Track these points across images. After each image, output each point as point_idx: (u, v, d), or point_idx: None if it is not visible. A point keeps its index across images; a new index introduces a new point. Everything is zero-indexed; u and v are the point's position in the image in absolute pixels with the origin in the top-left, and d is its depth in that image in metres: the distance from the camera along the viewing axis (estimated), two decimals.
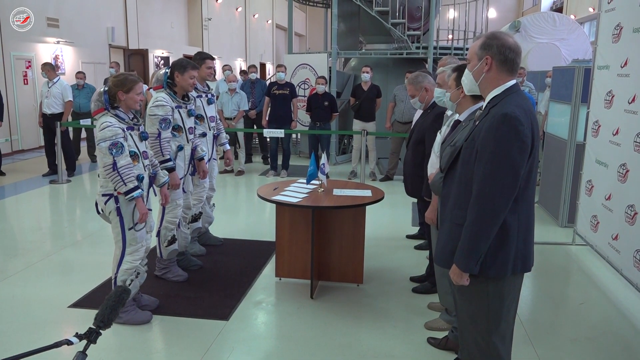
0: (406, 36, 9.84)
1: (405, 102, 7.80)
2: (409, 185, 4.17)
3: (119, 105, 3.43)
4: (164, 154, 3.96)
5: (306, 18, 31.83)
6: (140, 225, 3.47)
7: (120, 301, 1.51)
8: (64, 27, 11.89)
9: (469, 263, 2.09)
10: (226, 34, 21.85)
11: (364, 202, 3.89)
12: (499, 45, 2.15)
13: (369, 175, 8.31)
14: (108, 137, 3.27)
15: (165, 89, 4.09)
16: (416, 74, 4.16)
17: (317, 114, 8.21)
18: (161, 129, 3.94)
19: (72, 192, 7.71)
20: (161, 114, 3.95)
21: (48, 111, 8.18)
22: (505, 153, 2.00)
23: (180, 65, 4.10)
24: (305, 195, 4.04)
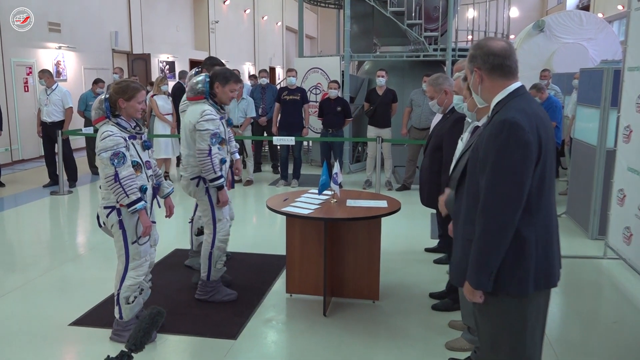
0: (423, 37, 9.83)
1: (422, 107, 7.79)
2: (425, 194, 4.15)
3: (120, 114, 3.45)
4: (216, 171, 3.93)
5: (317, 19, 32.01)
6: (144, 239, 3.48)
7: (154, 324, 1.49)
8: (65, 32, 12.06)
9: (480, 279, 2.07)
10: (234, 37, 22.02)
11: (379, 214, 3.87)
12: (482, 54, 2.17)
13: (384, 184, 8.29)
14: (109, 147, 3.29)
15: (207, 100, 4.02)
16: (436, 76, 4.16)
17: (329, 120, 8.22)
18: (212, 145, 3.91)
19: (73, 203, 7.77)
20: (212, 128, 3.90)
21: (48, 119, 8.26)
22: (507, 162, 1.98)
23: (223, 76, 4.02)
24: (317, 207, 4.03)
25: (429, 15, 10.31)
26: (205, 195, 4.08)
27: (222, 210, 4.12)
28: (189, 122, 3.97)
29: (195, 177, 4.06)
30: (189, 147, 4.03)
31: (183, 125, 4.10)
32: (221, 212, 4.11)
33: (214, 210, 4.10)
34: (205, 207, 4.12)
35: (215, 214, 4.10)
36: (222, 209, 4.11)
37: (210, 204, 4.09)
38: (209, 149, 3.90)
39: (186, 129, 4.01)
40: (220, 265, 4.17)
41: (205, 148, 3.91)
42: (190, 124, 3.96)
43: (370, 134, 8.32)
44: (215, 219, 4.10)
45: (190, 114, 4.00)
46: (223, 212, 4.13)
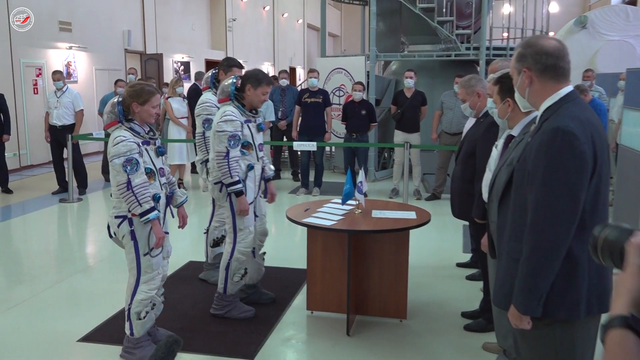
0: (454, 35, 9.79)
1: (453, 111, 7.73)
2: (457, 204, 4.12)
3: (134, 118, 3.50)
4: (232, 175, 3.97)
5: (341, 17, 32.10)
6: (157, 251, 3.51)
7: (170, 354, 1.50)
8: (76, 32, 12.29)
9: (529, 304, 2.02)
10: (252, 35, 22.20)
11: (407, 226, 3.85)
12: (533, 53, 2.10)
13: (412, 193, 8.25)
14: (122, 153, 3.33)
15: (232, 102, 4.08)
16: (469, 77, 4.14)
17: (353, 124, 8.22)
18: (230, 147, 3.95)
19: (83, 212, 7.89)
20: (230, 130, 3.96)
21: (59, 123, 8.41)
22: (560, 174, 1.94)
23: (255, 78, 4.07)
24: (341, 218, 4.03)
25: (461, 12, 10.27)
26: (227, 202, 4.11)
27: (245, 219, 4.12)
28: (215, 124, 4.06)
29: (219, 182, 4.10)
30: (214, 150, 4.10)
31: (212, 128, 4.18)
32: (243, 221, 4.12)
33: (234, 218, 4.12)
34: (227, 214, 4.15)
35: (236, 223, 4.12)
36: (245, 218, 4.11)
37: (232, 212, 4.11)
38: (226, 151, 3.94)
39: (213, 130, 4.09)
40: (237, 279, 4.18)
41: (222, 150, 3.95)
42: (215, 124, 4.05)
43: (398, 139, 8.30)
44: (236, 228, 4.13)
45: (217, 116, 4.10)
46: (246, 221, 4.13)
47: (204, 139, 4.69)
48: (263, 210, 4.49)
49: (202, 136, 4.70)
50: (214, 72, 4.84)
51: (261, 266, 4.55)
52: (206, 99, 4.73)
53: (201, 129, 4.69)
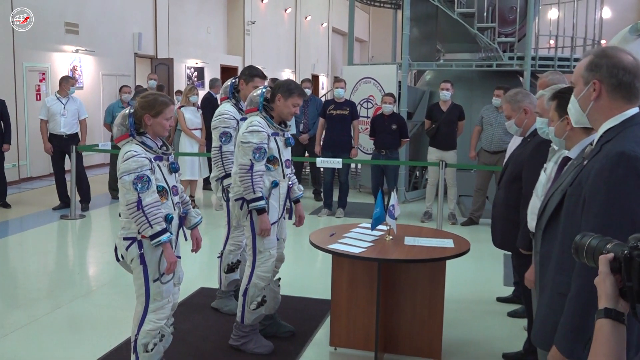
0: (496, 43, 9.77)
1: (494, 127, 7.70)
2: (499, 233, 4.08)
3: (146, 131, 3.53)
4: (255, 190, 3.99)
5: (369, 20, 32.28)
6: (168, 277, 3.52)
7: None
8: (84, 34, 12.53)
9: (574, 347, 1.99)
10: (272, 40, 22.41)
11: (444, 256, 3.84)
12: (610, 65, 2.06)
13: (447, 217, 8.19)
14: (132, 169, 3.36)
15: (260, 112, 4.13)
16: (515, 92, 4.12)
17: (382, 140, 8.21)
18: (254, 160, 3.99)
19: (86, 230, 7.97)
20: (255, 141, 3.99)
21: (67, 131, 8.51)
22: (622, 203, 1.92)
23: (287, 88, 4.11)
24: (370, 245, 4.02)
25: (503, 17, 10.25)
26: (247, 220, 4.13)
27: (266, 241, 4.13)
28: (239, 135, 4.11)
29: (240, 198, 4.13)
30: (237, 163, 4.14)
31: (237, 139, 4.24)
32: (263, 242, 4.13)
33: (255, 238, 4.14)
34: (248, 233, 4.18)
35: (255, 244, 4.14)
36: (267, 239, 4.13)
37: (252, 231, 4.13)
38: (250, 164, 3.97)
39: (237, 142, 4.14)
40: (254, 307, 4.18)
41: (246, 163, 3.98)
42: (239, 136, 4.10)
43: (432, 156, 8.27)
44: (256, 250, 4.14)
45: (242, 126, 4.15)
46: (266, 243, 4.14)
47: (221, 154, 4.72)
48: (284, 233, 4.49)
49: (219, 151, 4.73)
50: (233, 81, 4.89)
51: (277, 294, 4.54)
52: (224, 110, 4.77)
53: (218, 142, 4.72)
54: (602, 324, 1.47)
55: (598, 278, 1.50)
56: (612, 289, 1.46)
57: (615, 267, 1.45)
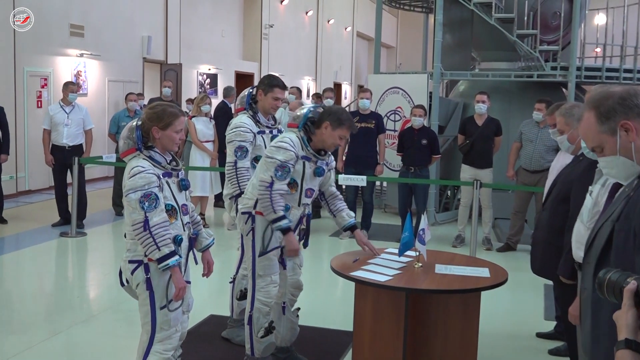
0: (538, 52, 9.73)
1: (535, 143, 7.64)
2: (539, 258, 4.06)
3: (154, 145, 3.56)
4: (275, 209, 4.03)
5: (397, 25, 32.42)
6: (176, 304, 3.52)
7: None
8: (89, 37, 12.71)
9: None
10: (292, 44, 22.57)
11: (479, 286, 3.82)
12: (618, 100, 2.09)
13: (481, 242, 8.13)
14: (139, 187, 3.38)
15: (299, 131, 4.19)
16: (572, 105, 4.15)
17: (411, 156, 8.20)
18: (275, 178, 4.03)
19: (87, 249, 8.02)
20: (280, 159, 4.05)
21: (70, 143, 8.58)
22: None
23: (337, 117, 4.17)
24: (397, 272, 4.01)
25: (546, 23, 10.22)
26: (249, 237, 4.18)
27: (266, 266, 4.16)
28: (268, 148, 4.22)
29: (247, 212, 4.17)
30: (256, 175, 4.21)
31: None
32: (263, 266, 4.16)
33: (254, 260, 4.17)
34: (248, 254, 4.23)
35: (255, 266, 4.18)
36: (267, 264, 4.16)
37: (253, 251, 4.18)
38: (270, 181, 4.02)
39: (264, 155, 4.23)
40: (262, 334, 4.18)
41: (266, 179, 4.03)
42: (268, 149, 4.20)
43: (465, 175, 8.23)
44: (255, 273, 4.19)
45: (275, 140, 4.24)
46: (267, 268, 4.17)
47: (236, 170, 4.72)
48: (300, 259, 4.50)
49: (234, 167, 4.73)
50: (250, 91, 4.92)
51: (295, 325, 4.53)
52: (240, 122, 4.78)
53: (232, 157, 4.73)
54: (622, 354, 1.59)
55: (619, 311, 1.63)
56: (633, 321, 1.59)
57: (638, 301, 1.62)
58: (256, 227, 4.17)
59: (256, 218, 4.17)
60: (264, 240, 4.17)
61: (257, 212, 4.17)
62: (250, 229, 4.17)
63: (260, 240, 4.17)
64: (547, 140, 7.37)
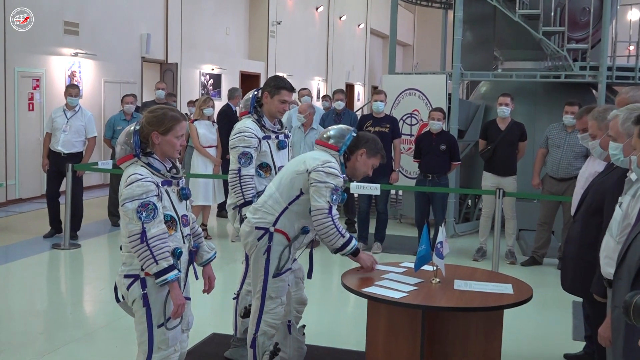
0: (565, 50, 9.70)
1: (563, 149, 7.62)
2: (570, 274, 4.05)
3: (153, 151, 3.57)
4: (343, 234, 4.11)
5: (414, 21, 32.43)
6: (175, 322, 3.52)
7: None
8: (85, 35, 12.79)
9: None
10: (301, 43, 22.61)
11: (501, 304, 3.80)
12: None
13: (504, 255, 8.11)
14: (137, 196, 3.39)
15: (338, 157, 4.22)
16: (604, 108, 4.15)
17: (429, 163, 8.19)
18: (333, 203, 4.09)
19: (80, 262, 8.03)
20: (335, 183, 4.10)
21: (65, 150, 8.57)
22: None
23: (374, 145, 4.28)
24: (413, 288, 4.00)
25: (574, 20, 10.20)
26: (264, 257, 4.18)
27: (279, 288, 4.19)
28: (301, 164, 4.17)
29: (263, 228, 4.16)
30: (279, 189, 4.21)
31: (288, 165, 4.35)
32: (277, 288, 4.18)
33: (267, 282, 4.17)
34: (259, 273, 4.22)
35: (267, 287, 4.18)
36: (280, 285, 4.18)
37: (265, 272, 4.17)
38: (329, 206, 4.06)
39: (292, 169, 4.21)
40: (267, 358, 4.19)
41: (323, 206, 4.05)
42: (303, 167, 4.15)
43: (487, 183, 8.22)
44: (266, 295, 4.19)
45: (311, 157, 4.21)
46: (280, 287, 4.19)
47: (240, 178, 4.73)
48: (302, 272, 4.55)
49: (237, 174, 4.74)
50: (255, 93, 4.92)
51: (302, 344, 4.55)
52: (245, 127, 4.79)
53: (236, 164, 4.74)
54: None
55: None
56: None
57: None
58: (273, 245, 4.17)
59: (274, 236, 4.18)
60: (281, 261, 4.18)
61: (277, 229, 4.18)
62: (265, 248, 4.17)
63: (277, 260, 4.18)
64: (575, 145, 7.35)
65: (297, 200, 4.17)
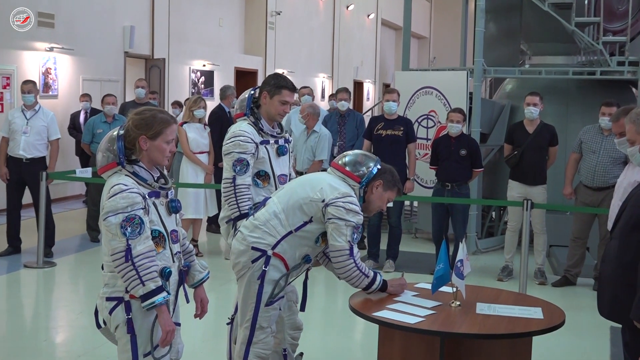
0: (601, 44, 9.71)
1: (599, 155, 7.62)
2: (608, 298, 4.04)
3: (139, 158, 3.58)
4: (367, 274, 4.16)
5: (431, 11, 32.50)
6: (163, 351, 3.53)
7: None
8: (61, 27, 12.82)
9: None
10: (303, 35, 22.64)
11: (530, 330, 3.79)
12: None
13: (533, 274, 8.10)
14: (120, 209, 3.39)
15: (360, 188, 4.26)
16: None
17: (448, 170, 8.19)
18: (354, 242, 4.12)
19: (55, 282, 8.03)
20: (355, 221, 4.13)
21: (26, 155, 8.56)
22: None
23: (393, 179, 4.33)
24: (430, 312, 3.99)
25: (611, 9, 10.22)
26: (257, 283, 4.19)
27: (272, 314, 4.23)
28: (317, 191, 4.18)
29: (261, 250, 4.18)
30: (286, 211, 4.21)
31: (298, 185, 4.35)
32: (268, 317, 4.23)
33: (258, 310, 4.20)
34: (250, 301, 4.23)
35: (257, 316, 4.21)
36: (273, 311, 4.22)
37: (258, 300, 4.19)
38: (350, 246, 4.09)
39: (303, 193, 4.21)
40: None
41: (344, 246, 4.09)
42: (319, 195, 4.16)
43: (513, 193, 8.22)
44: (256, 325, 4.23)
45: (329, 185, 4.21)
46: (272, 315, 4.24)
47: (234, 187, 4.72)
48: (295, 295, 4.61)
49: (231, 184, 4.73)
50: (252, 93, 4.93)
51: None
52: (240, 130, 4.78)
53: (231, 172, 4.73)
54: None
55: None
56: None
57: None
58: (269, 271, 4.18)
59: (271, 260, 4.19)
60: (275, 289, 4.20)
61: (275, 253, 4.19)
62: (260, 272, 4.18)
63: (272, 287, 4.19)
64: (613, 150, 7.34)
65: (305, 227, 4.19)
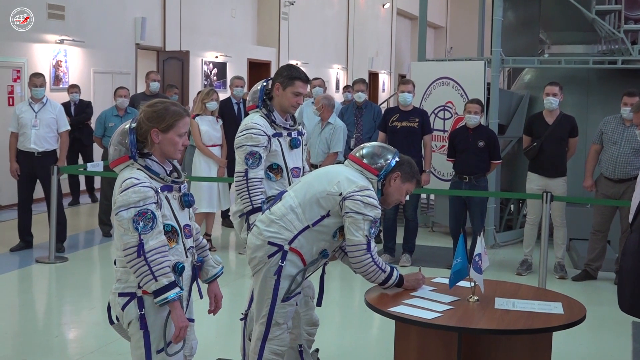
0: (623, 32, 9.65)
1: (620, 146, 7.59)
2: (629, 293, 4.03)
3: (151, 152, 3.59)
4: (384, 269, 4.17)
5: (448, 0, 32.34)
6: (176, 347, 3.54)
7: None
8: (71, 20, 12.85)
9: None
10: (317, 26, 22.61)
11: (550, 325, 3.78)
12: None
13: (553, 269, 8.08)
14: (133, 203, 3.40)
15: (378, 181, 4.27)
16: None
17: (465, 162, 8.18)
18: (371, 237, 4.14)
19: (67, 278, 8.04)
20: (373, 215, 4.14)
21: (38, 148, 8.58)
22: None
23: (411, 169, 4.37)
24: (447, 308, 3.99)
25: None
26: (273, 278, 4.19)
27: (289, 310, 4.23)
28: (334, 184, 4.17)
29: (277, 245, 4.18)
30: (303, 205, 4.21)
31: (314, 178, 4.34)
32: (285, 313, 4.23)
33: (274, 306, 4.21)
34: (266, 296, 4.24)
35: (274, 312, 4.22)
36: (289, 307, 4.22)
37: (274, 295, 4.20)
38: (367, 241, 4.10)
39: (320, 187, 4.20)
40: None
41: (361, 241, 4.10)
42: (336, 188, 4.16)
43: (532, 185, 8.20)
44: (272, 321, 4.23)
45: (346, 178, 4.20)
46: (289, 311, 4.25)
47: (247, 181, 4.72)
48: (312, 291, 4.61)
49: (244, 177, 4.72)
50: (264, 84, 4.92)
51: None
52: (252, 123, 4.78)
53: (243, 166, 4.73)
54: None
55: None
56: None
57: None
58: (285, 266, 4.18)
59: (288, 255, 4.19)
60: (292, 285, 4.21)
61: (292, 248, 4.20)
62: (277, 267, 4.18)
63: (288, 283, 4.20)
64: (634, 141, 7.31)
65: (322, 222, 4.20)
